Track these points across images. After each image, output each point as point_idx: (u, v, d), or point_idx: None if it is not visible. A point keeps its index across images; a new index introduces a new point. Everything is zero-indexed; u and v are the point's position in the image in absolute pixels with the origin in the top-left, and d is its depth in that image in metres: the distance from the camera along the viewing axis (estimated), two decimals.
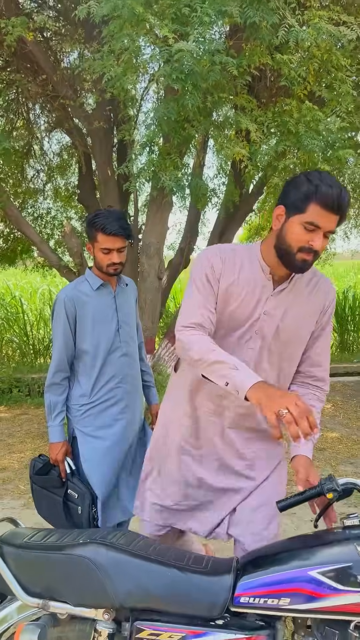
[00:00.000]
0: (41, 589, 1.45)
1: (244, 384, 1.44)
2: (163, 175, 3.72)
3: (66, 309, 2.26)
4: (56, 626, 1.46)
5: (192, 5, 3.20)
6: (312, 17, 3.38)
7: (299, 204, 1.58)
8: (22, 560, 1.48)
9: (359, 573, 1.32)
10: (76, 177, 7.44)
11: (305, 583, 1.33)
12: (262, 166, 3.86)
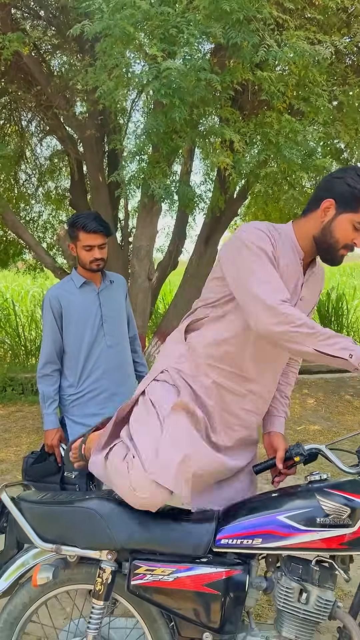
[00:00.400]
0: (54, 536, 1.71)
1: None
2: (153, 183, 3.98)
3: (52, 306, 2.51)
4: (67, 567, 1.73)
5: (179, 27, 3.47)
6: (289, 36, 3.66)
7: (352, 203, 1.66)
8: (38, 513, 1.74)
9: (318, 516, 1.60)
10: (66, 181, 7.71)
11: (274, 525, 1.61)
12: (245, 174, 4.13)
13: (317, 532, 1.59)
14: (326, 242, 1.71)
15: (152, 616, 1.71)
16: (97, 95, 3.81)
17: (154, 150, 4.11)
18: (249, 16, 3.41)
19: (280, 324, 1.56)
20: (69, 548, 1.70)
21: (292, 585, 1.63)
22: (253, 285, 1.61)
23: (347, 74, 4.29)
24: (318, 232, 1.71)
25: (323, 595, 1.63)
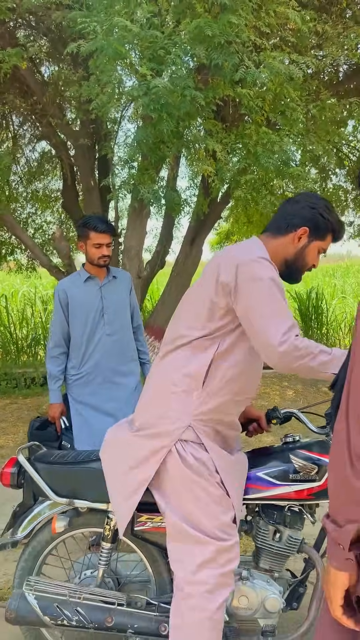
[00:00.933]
0: (67, 492, 2.07)
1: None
2: (142, 189, 4.33)
3: (60, 297, 2.90)
4: (79, 516, 2.09)
5: (167, 48, 3.84)
6: (266, 57, 4.05)
7: (323, 233, 1.92)
8: (51, 472, 2.10)
9: (291, 473, 1.99)
10: (56, 184, 8.03)
11: (255, 480, 2.00)
12: (226, 180, 4.51)
13: (289, 486, 1.98)
14: (298, 265, 1.95)
15: (152, 554, 2.08)
16: (91, 107, 4.16)
17: (143, 159, 4.46)
18: (229, 40, 3.78)
19: (300, 359, 1.71)
20: (81, 501, 2.06)
21: (268, 527, 2.03)
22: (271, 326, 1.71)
23: (320, 89, 4.69)
24: (292, 256, 1.93)
25: (293, 535, 2.03)
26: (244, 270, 1.77)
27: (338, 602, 1.15)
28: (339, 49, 4.31)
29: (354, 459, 1.06)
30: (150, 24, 3.92)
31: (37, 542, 2.12)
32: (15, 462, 2.16)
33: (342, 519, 1.11)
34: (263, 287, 1.75)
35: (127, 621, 1.98)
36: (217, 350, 1.83)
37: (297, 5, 4.04)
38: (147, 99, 3.79)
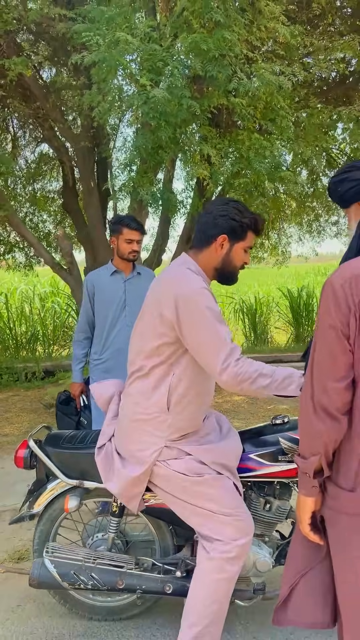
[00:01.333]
0: (77, 474, 2.32)
1: None
2: (141, 191, 4.61)
3: (87, 288, 3.20)
4: (89, 493, 2.35)
5: (165, 60, 4.12)
6: (257, 68, 4.34)
7: (241, 233, 2.06)
8: (62, 456, 2.35)
9: (279, 454, 2.25)
10: (55, 184, 8.30)
11: (246, 461, 2.27)
12: (220, 183, 4.80)
13: (278, 466, 2.25)
14: (228, 270, 2.12)
15: (158, 523, 2.35)
16: (93, 115, 4.43)
17: (142, 163, 4.74)
18: (223, 53, 4.07)
19: (241, 383, 1.90)
20: (90, 482, 2.31)
21: (259, 499, 2.32)
22: (212, 355, 1.90)
23: (309, 97, 4.98)
24: (219, 264, 2.10)
25: (282, 505, 2.32)
26: (182, 305, 1.94)
27: (306, 522, 1.47)
28: (326, 60, 4.61)
29: (316, 408, 1.39)
30: (149, 37, 4.20)
31: (52, 510, 2.39)
32: (27, 445, 2.42)
33: (307, 453, 1.43)
34: (201, 319, 1.92)
35: (135, 583, 2.25)
36: (174, 374, 2.04)
37: (286, 20, 4.33)
38: (146, 107, 4.07)
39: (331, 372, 1.37)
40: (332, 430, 1.39)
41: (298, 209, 6.72)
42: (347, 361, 1.37)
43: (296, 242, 8.96)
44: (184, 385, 2.05)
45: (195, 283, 1.99)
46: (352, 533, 1.40)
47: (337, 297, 1.35)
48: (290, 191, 4.90)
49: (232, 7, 4.07)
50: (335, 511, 1.45)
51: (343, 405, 1.38)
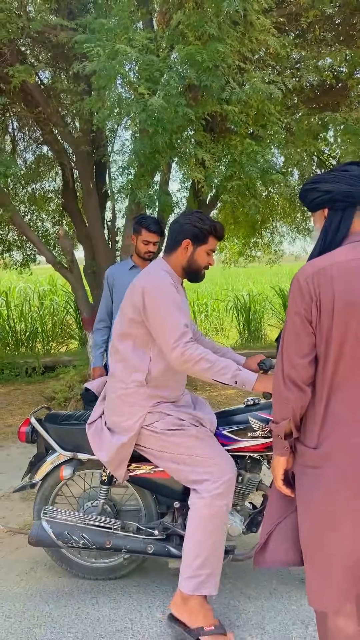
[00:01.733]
0: (72, 447, 2.60)
1: (250, 379, 2.26)
2: (139, 193, 4.87)
3: (107, 280, 3.50)
4: (82, 464, 2.62)
5: (162, 70, 4.37)
6: (249, 77, 4.59)
7: (202, 238, 2.44)
8: (60, 431, 2.63)
9: (250, 431, 2.52)
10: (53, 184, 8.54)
11: (220, 437, 2.53)
12: (214, 186, 5.05)
13: (248, 441, 2.52)
14: (193, 269, 2.50)
15: (143, 492, 2.63)
16: (94, 120, 4.68)
17: (140, 166, 5.00)
18: (216, 64, 4.32)
19: (184, 363, 2.26)
20: (83, 454, 2.59)
21: None
22: (165, 335, 2.27)
23: (298, 105, 5.24)
24: (185, 264, 2.49)
25: (252, 478, 2.58)
26: (147, 293, 2.33)
27: (280, 478, 1.77)
28: (314, 69, 4.87)
29: (286, 381, 1.69)
30: (147, 48, 4.45)
31: (51, 479, 2.67)
32: (29, 423, 2.71)
33: (279, 418, 1.72)
34: (161, 305, 2.30)
35: (121, 543, 2.54)
36: (151, 354, 2.40)
37: (276, 32, 4.59)
38: (144, 114, 4.32)
39: (297, 351, 1.67)
40: (298, 399, 1.69)
41: (289, 209, 6.99)
42: (310, 342, 1.67)
43: (287, 241, 9.24)
44: (159, 363, 2.41)
45: (161, 278, 2.38)
46: (313, 489, 1.70)
47: (302, 290, 1.65)
48: (282, 193, 5.15)
49: (224, 20, 4.32)
50: (302, 466, 1.75)
51: (307, 378, 1.69)
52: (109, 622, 2.37)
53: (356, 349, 1.61)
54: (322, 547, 1.68)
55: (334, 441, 1.66)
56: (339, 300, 1.60)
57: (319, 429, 1.69)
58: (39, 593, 2.59)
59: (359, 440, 1.62)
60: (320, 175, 1.80)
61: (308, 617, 2.39)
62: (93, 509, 2.67)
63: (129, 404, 2.43)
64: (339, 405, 1.65)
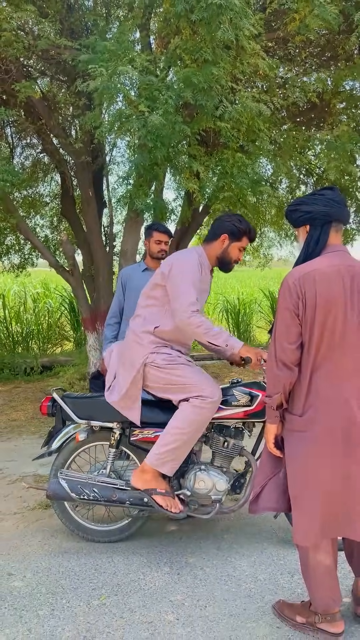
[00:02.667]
0: (86, 416, 3.02)
1: (237, 344, 2.77)
2: (137, 201, 5.25)
3: (121, 280, 3.93)
4: (94, 432, 3.03)
5: (160, 90, 4.77)
6: (240, 97, 5.00)
7: (238, 236, 2.93)
8: (75, 403, 3.04)
9: (234, 401, 2.94)
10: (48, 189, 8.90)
11: None
12: (208, 195, 5.46)
13: (232, 409, 2.96)
14: (225, 260, 3.00)
15: (142, 456, 3.02)
16: (97, 134, 5.06)
17: (139, 177, 5.39)
18: (211, 85, 4.73)
19: (189, 325, 2.75)
20: (95, 422, 3.02)
21: (219, 438, 3.02)
22: (179, 298, 2.76)
23: (285, 121, 5.67)
24: (220, 254, 2.99)
25: (236, 443, 3.01)
26: (174, 265, 2.86)
27: (271, 441, 2.18)
28: (299, 89, 5.30)
29: (278, 362, 2.10)
30: (147, 69, 4.85)
31: (66, 449, 3.08)
32: (50, 399, 3.17)
33: (272, 393, 2.12)
34: (183, 277, 2.79)
35: (125, 496, 2.97)
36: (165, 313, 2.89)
37: (265, 56, 5.00)
38: (144, 130, 4.71)
39: (287, 338, 2.09)
40: (288, 376, 2.11)
41: (276, 217, 7.42)
42: (297, 331, 2.09)
43: (276, 246, 9.68)
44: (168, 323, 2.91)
45: (190, 257, 2.91)
46: (298, 446, 2.13)
47: (291, 290, 2.08)
48: (270, 202, 5.56)
49: (218, 45, 4.73)
50: (290, 430, 2.17)
51: (295, 360, 2.11)
52: (124, 574, 2.75)
53: (333, 336, 2.04)
54: (307, 490, 2.12)
55: (315, 410, 2.09)
56: (320, 298, 2.02)
57: (304, 400, 2.13)
58: (60, 554, 2.96)
59: (334, 408, 2.04)
60: (302, 198, 2.23)
61: (293, 568, 2.79)
62: (102, 474, 3.09)
63: (136, 347, 2.93)
64: (320, 381, 2.09)
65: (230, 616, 2.40)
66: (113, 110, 5.04)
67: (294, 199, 2.30)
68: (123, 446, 3.08)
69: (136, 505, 2.95)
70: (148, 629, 2.31)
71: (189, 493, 2.94)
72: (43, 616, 2.41)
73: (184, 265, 2.84)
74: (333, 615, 2.20)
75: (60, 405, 3.09)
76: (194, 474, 2.96)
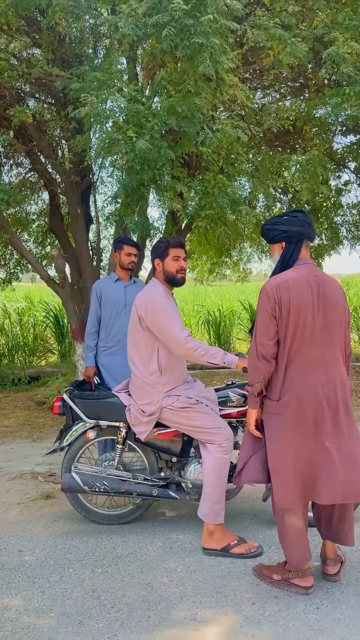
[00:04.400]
0: (94, 416, 3.34)
1: (234, 359, 3.09)
2: (126, 219, 5.65)
3: (96, 292, 4.23)
4: (102, 430, 3.36)
5: (147, 117, 5.20)
6: (220, 124, 5.46)
7: (163, 252, 3.27)
8: (85, 404, 3.36)
9: (229, 402, 3.31)
10: (36, 207, 9.25)
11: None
12: (190, 214, 5.89)
13: (228, 409, 3.32)
14: (170, 277, 3.31)
15: (146, 450, 3.37)
16: (86, 158, 5.46)
17: (126, 197, 5.79)
18: (193, 114, 5.17)
19: (187, 351, 3.07)
20: (103, 421, 3.34)
21: None
22: (169, 332, 3.07)
23: (261, 145, 6.14)
24: (164, 276, 3.32)
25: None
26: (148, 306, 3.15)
27: (252, 424, 2.57)
28: (274, 116, 5.78)
29: (258, 356, 2.51)
30: (134, 98, 5.27)
31: (76, 444, 3.39)
32: (60, 399, 3.46)
33: (253, 382, 2.51)
34: (159, 312, 3.11)
35: (133, 488, 3.29)
36: (159, 351, 3.18)
37: (243, 86, 5.48)
38: (132, 154, 5.12)
39: (266, 335, 2.51)
40: (267, 368, 2.53)
41: (255, 233, 7.89)
42: (274, 330, 2.51)
43: (255, 261, 10.16)
44: (166, 356, 3.21)
45: (158, 292, 3.24)
46: (275, 426, 2.55)
47: (269, 295, 2.49)
48: (249, 220, 5.99)
49: (200, 77, 5.19)
50: (268, 414, 2.57)
51: (272, 354, 2.53)
52: (122, 548, 3.10)
53: (303, 333, 2.47)
54: (283, 461, 2.53)
55: (290, 395, 2.50)
56: (293, 302, 2.45)
57: (280, 387, 2.55)
58: (64, 534, 3.29)
59: (305, 393, 2.45)
60: (276, 219, 2.66)
61: (271, 541, 3.18)
62: (110, 467, 3.42)
63: (149, 391, 3.20)
64: (293, 371, 2.51)
65: (217, 578, 2.77)
66: (102, 134, 5.45)
67: (268, 219, 2.73)
68: (129, 441, 3.41)
69: (143, 495, 3.29)
70: (146, 589, 2.66)
71: (190, 485, 3.28)
72: (53, 582, 2.74)
73: (157, 303, 3.15)
74: (304, 572, 2.59)
75: (70, 405, 3.41)
76: (194, 466, 3.30)
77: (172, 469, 3.38)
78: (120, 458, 3.39)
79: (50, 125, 6.53)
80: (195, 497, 3.27)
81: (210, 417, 3.15)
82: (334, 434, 2.48)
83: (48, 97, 6.61)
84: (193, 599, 2.59)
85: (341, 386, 2.52)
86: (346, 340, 2.62)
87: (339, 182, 7.98)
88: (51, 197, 7.72)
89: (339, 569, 2.74)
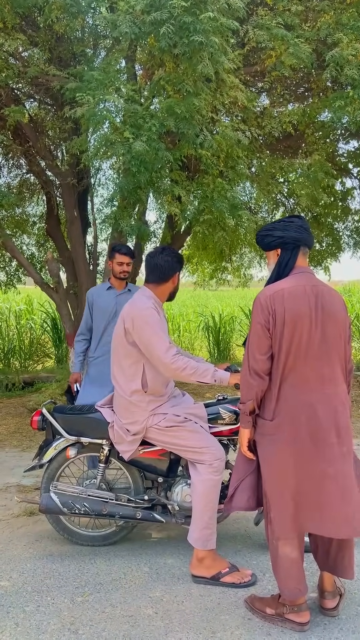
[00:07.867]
0: (75, 432, 3.14)
1: (225, 376, 2.87)
2: (122, 223, 5.48)
3: (88, 299, 4.06)
4: (84, 447, 3.16)
5: (144, 118, 5.03)
6: (220, 126, 5.29)
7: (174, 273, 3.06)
8: (66, 419, 3.17)
9: (220, 419, 3.12)
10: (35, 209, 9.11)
11: None
12: (189, 218, 5.71)
13: (219, 427, 3.13)
14: (174, 292, 3.16)
15: (131, 469, 3.18)
16: (82, 159, 5.30)
17: (123, 199, 5.62)
18: (192, 115, 5.00)
19: (175, 371, 2.84)
20: (85, 438, 3.15)
21: None
22: (155, 351, 2.84)
23: (262, 149, 5.97)
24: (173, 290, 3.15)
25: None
26: (135, 319, 2.92)
27: (245, 445, 2.37)
28: (276, 120, 5.62)
29: (251, 371, 2.31)
30: (132, 98, 5.11)
31: (56, 461, 3.20)
32: (40, 413, 3.27)
33: (245, 399, 2.32)
34: (147, 327, 2.88)
35: (115, 510, 3.10)
36: (144, 367, 2.96)
37: (244, 88, 5.31)
38: (129, 156, 4.96)
39: (259, 349, 2.32)
40: (260, 385, 2.33)
41: (253, 239, 7.72)
42: (268, 343, 2.32)
43: (255, 267, 9.98)
44: (152, 373, 2.98)
45: (147, 305, 2.96)
46: (269, 448, 2.35)
47: (262, 306, 2.30)
48: (249, 226, 5.81)
49: (199, 78, 5.02)
50: (261, 434, 2.38)
51: (266, 369, 2.34)
52: (106, 574, 2.90)
53: (299, 348, 2.28)
54: (278, 488, 2.34)
55: (284, 415, 2.31)
56: (288, 314, 2.26)
57: (274, 406, 2.35)
58: (45, 556, 3.10)
59: (300, 413, 2.26)
60: (272, 224, 2.47)
61: (265, 568, 2.97)
62: (92, 486, 3.21)
63: (133, 410, 2.99)
64: (288, 388, 2.31)
65: (206, 610, 2.58)
66: (99, 135, 5.29)
67: (264, 225, 2.55)
68: (113, 458, 3.20)
69: (126, 517, 3.09)
70: (129, 622, 2.47)
71: (177, 507, 3.08)
72: (29, 612, 2.55)
73: (145, 317, 2.92)
74: (300, 606, 2.39)
75: (50, 421, 3.21)
76: (181, 487, 3.10)
77: (158, 489, 3.18)
78: (102, 477, 3.20)
79: (47, 126, 6.37)
80: (182, 520, 3.07)
81: (200, 436, 2.95)
82: (336, 459, 2.29)
83: (45, 97, 6.45)
84: (179, 635, 2.40)
85: (340, 406, 2.33)
86: (347, 356, 2.42)
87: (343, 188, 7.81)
88: (48, 200, 7.56)
89: (338, 603, 2.54)
